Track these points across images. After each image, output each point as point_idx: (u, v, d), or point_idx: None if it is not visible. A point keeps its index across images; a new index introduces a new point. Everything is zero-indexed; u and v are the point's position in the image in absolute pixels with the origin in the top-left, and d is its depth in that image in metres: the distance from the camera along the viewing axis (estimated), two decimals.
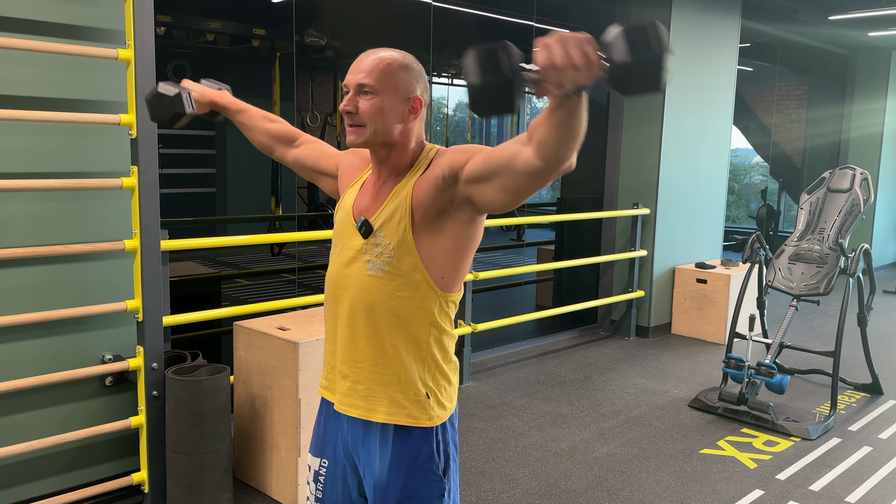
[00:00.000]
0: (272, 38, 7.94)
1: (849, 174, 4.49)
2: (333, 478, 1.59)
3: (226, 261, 8.49)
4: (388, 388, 1.49)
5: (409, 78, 1.47)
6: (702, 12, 5.67)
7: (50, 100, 2.63)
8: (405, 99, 1.47)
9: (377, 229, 1.47)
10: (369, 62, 1.45)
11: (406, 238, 1.44)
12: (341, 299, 1.52)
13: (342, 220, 1.57)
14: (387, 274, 1.46)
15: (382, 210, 1.48)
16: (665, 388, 4.59)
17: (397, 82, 1.45)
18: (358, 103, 1.45)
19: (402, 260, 1.45)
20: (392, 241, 1.45)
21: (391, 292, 1.46)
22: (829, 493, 3.21)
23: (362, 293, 1.48)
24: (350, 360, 1.52)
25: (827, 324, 6.40)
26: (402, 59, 1.47)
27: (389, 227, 1.46)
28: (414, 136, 1.51)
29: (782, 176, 10.24)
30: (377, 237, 1.47)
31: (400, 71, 1.46)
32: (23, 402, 2.68)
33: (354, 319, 1.50)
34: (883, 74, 8.70)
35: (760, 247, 4.44)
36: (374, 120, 1.44)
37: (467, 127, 12.96)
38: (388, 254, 1.45)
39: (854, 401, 4.46)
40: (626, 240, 5.72)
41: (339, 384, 1.55)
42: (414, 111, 1.48)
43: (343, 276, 1.52)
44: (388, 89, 1.44)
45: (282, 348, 2.86)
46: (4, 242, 2.58)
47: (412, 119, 1.49)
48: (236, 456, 3.14)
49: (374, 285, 1.47)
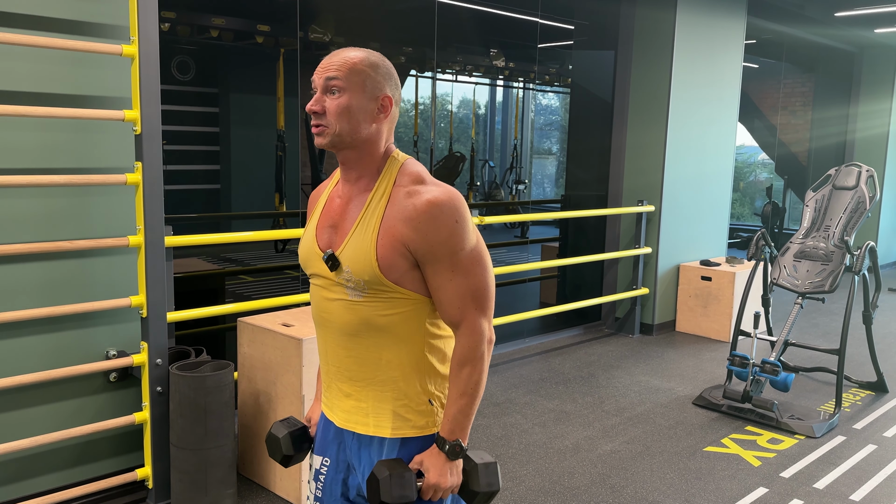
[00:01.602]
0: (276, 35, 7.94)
1: (854, 171, 4.47)
2: (334, 478, 1.58)
3: (230, 257, 8.50)
4: (390, 404, 1.47)
5: (377, 76, 1.42)
6: (707, 8, 5.65)
7: (54, 96, 2.63)
8: (374, 97, 1.42)
9: (344, 266, 1.42)
10: (336, 60, 1.41)
11: (375, 275, 1.40)
12: (329, 322, 1.49)
13: (307, 247, 1.51)
14: (367, 298, 1.42)
15: (347, 243, 1.43)
16: (669, 385, 4.58)
17: (364, 80, 1.41)
18: (325, 103, 1.41)
19: (377, 289, 1.41)
20: (362, 278, 1.41)
21: (376, 313, 1.43)
22: (834, 492, 3.21)
23: (348, 317, 1.45)
24: (351, 379, 1.50)
25: (832, 321, 6.38)
26: (368, 57, 1.43)
27: (356, 265, 1.41)
28: (383, 138, 1.46)
29: (787, 173, 10.21)
30: (346, 272, 1.42)
31: (367, 69, 1.41)
32: (27, 398, 2.69)
33: (345, 342, 1.47)
34: (889, 72, 8.66)
35: (765, 244, 4.43)
36: (341, 119, 1.40)
37: (471, 124, 12.95)
38: (361, 286, 1.42)
39: (859, 399, 4.45)
40: (631, 237, 5.71)
41: (340, 402, 1.53)
42: (383, 110, 1.44)
43: (325, 300, 1.48)
44: (355, 87, 1.40)
45: (285, 345, 2.86)
46: (9, 238, 2.58)
47: (382, 118, 1.44)
48: (240, 452, 3.15)
49: (356, 309, 1.44)
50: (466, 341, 1.44)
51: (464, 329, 1.44)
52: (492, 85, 13.73)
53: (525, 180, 12.71)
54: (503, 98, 14.38)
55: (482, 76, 11.65)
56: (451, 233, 1.38)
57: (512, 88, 13.62)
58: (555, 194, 14.95)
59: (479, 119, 13.82)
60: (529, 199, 13.29)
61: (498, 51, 10.13)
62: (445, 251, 1.39)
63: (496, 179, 13.19)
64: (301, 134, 8.70)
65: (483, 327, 1.45)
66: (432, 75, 10.43)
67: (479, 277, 1.43)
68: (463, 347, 1.45)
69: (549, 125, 15.55)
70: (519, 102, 13.18)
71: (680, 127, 5.59)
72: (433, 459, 1.44)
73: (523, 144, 13.39)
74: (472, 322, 1.43)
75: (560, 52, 10.10)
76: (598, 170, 6.03)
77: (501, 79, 12.16)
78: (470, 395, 1.45)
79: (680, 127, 5.59)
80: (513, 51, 10.24)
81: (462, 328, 1.44)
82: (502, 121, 14.43)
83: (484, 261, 1.45)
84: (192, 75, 9.36)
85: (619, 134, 5.75)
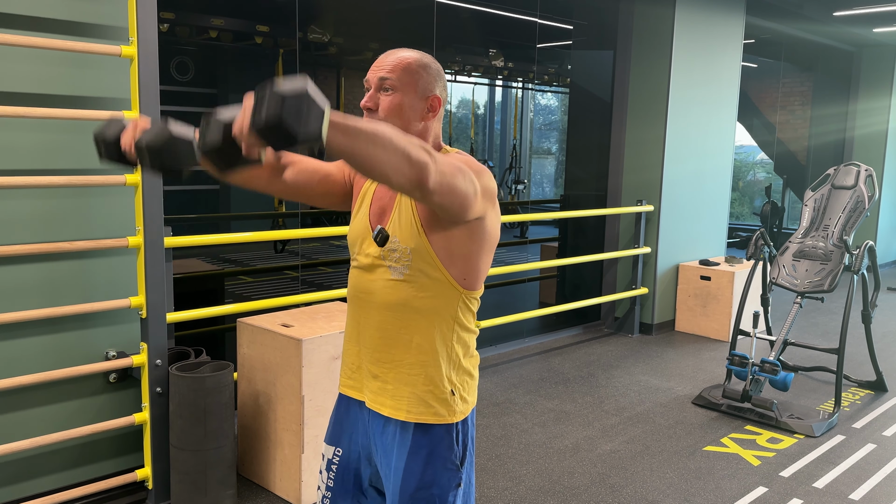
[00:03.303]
0: (275, 35, 7.94)
1: (853, 171, 4.47)
2: (346, 467, 1.62)
3: (229, 258, 8.50)
4: (415, 388, 1.51)
5: (428, 77, 1.50)
6: (706, 8, 5.65)
7: (53, 97, 2.63)
8: (424, 97, 1.50)
9: (393, 236, 1.49)
10: (390, 60, 1.48)
11: (421, 240, 1.46)
12: (366, 303, 1.54)
13: (358, 228, 1.58)
14: (408, 276, 1.48)
15: (395, 215, 1.50)
16: (669, 385, 4.58)
17: (416, 80, 1.48)
18: (378, 100, 1.47)
19: (421, 262, 1.47)
20: (408, 246, 1.47)
21: (414, 293, 1.49)
22: (833, 491, 3.21)
23: (387, 297, 1.51)
24: (379, 360, 1.54)
25: (831, 321, 6.39)
26: (421, 59, 1.51)
27: (404, 232, 1.48)
28: (432, 136, 1.54)
29: (786, 173, 10.22)
30: (394, 243, 1.49)
31: (420, 70, 1.49)
32: (27, 399, 2.69)
33: (381, 322, 1.52)
34: (888, 71, 8.67)
35: (764, 244, 4.43)
36: (393, 116, 1.46)
37: (470, 124, 12.95)
38: (406, 258, 1.47)
39: (858, 398, 4.46)
40: (630, 237, 5.71)
41: (368, 383, 1.57)
42: (433, 109, 1.51)
43: (366, 280, 1.54)
44: (407, 87, 1.47)
45: (285, 345, 2.86)
46: (8, 239, 2.58)
47: (431, 117, 1.52)
48: (240, 452, 3.15)
49: (397, 289, 1.49)
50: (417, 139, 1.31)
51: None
52: (491, 85, 13.73)
53: (524, 180, 12.72)
54: (502, 98, 14.39)
55: (481, 76, 11.66)
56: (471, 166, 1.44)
57: (511, 88, 13.63)
58: (554, 194, 14.95)
59: (479, 119, 13.83)
60: (529, 198, 13.30)
61: (497, 51, 10.14)
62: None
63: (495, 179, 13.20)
64: None
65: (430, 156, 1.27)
66: None
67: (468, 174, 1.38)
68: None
69: (549, 125, 15.56)
70: (518, 102, 13.18)
71: (679, 126, 5.60)
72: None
73: (522, 144, 13.39)
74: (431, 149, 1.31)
75: (559, 51, 10.11)
76: (597, 169, 6.03)
77: (500, 79, 12.17)
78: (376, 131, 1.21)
79: (679, 126, 5.60)
80: (512, 51, 10.25)
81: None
82: (501, 121, 14.43)
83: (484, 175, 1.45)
84: (191, 76, 9.36)
85: (618, 134, 5.75)
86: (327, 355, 2.88)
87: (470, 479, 1.57)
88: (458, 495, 1.53)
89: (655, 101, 5.51)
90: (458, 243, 1.47)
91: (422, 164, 1.24)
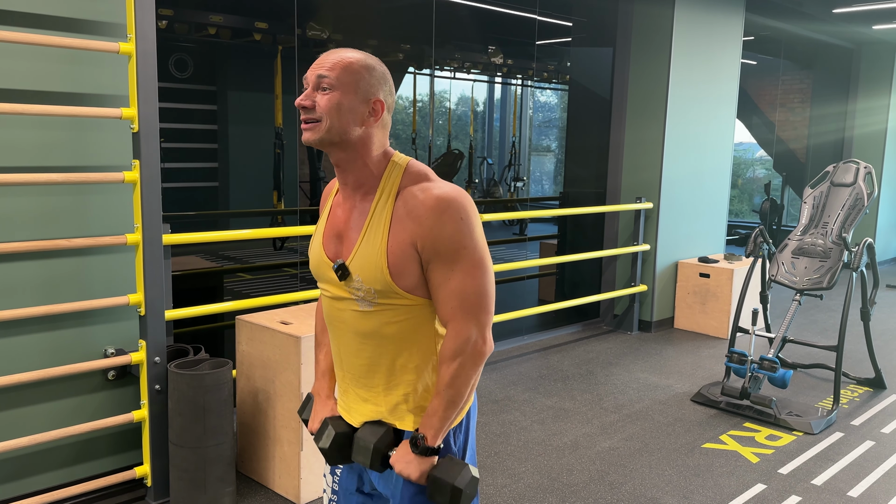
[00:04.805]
0: (274, 32, 7.93)
1: (852, 168, 4.47)
2: (349, 471, 1.61)
3: (228, 255, 8.50)
4: (407, 403, 1.48)
5: (371, 79, 1.41)
6: (705, 5, 5.64)
7: (51, 94, 2.62)
8: (365, 100, 1.41)
9: (354, 274, 1.42)
10: (331, 59, 1.41)
11: (386, 282, 1.39)
12: (340, 331, 1.50)
13: (316, 256, 1.51)
14: (377, 307, 1.43)
15: (357, 251, 1.42)
16: (668, 382, 4.58)
17: (357, 81, 1.40)
18: (315, 98, 1.40)
19: (387, 297, 1.41)
20: (372, 286, 1.40)
21: (386, 321, 1.43)
22: (832, 488, 3.21)
23: (358, 326, 1.46)
24: (365, 385, 1.51)
25: (830, 318, 6.39)
26: (365, 60, 1.42)
27: (366, 273, 1.40)
28: (376, 143, 1.44)
29: (786, 170, 10.22)
30: (355, 281, 1.42)
31: (361, 70, 1.41)
32: (26, 396, 2.69)
33: (359, 350, 1.48)
34: (887, 68, 8.66)
35: (764, 241, 4.43)
36: (331, 115, 1.38)
37: (469, 121, 12.94)
38: (371, 296, 1.41)
39: (857, 395, 4.46)
40: (629, 234, 5.71)
41: (358, 406, 1.53)
42: (375, 114, 1.42)
43: (336, 309, 1.49)
44: (347, 87, 1.39)
45: (284, 342, 2.86)
46: (7, 237, 2.58)
47: (373, 122, 1.42)
48: (239, 450, 3.15)
49: (367, 318, 1.44)
50: (451, 343, 1.40)
51: (451, 330, 1.41)
52: (490, 82, 13.71)
53: (523, 177, 12.71)
54: (501, 95, 14.37)
55: (480, 73, 11.64)
56: (456, 229, 1.37)
57: (510, 85, 13.61)
58: (553, 191, 14.94)
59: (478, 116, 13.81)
60: (528, 196, 13.29)
61: (496, 48, 10.12)
62: (448, 247, 1.37)
63: (495, 177, 13.19)
64: (299, 131, 8.69)
65: (471, 333, 1.40)
66: (430, 72, 10.42)
67: (478, 281, 1.40)
68: (446, 349, 1.41)
69: (548, 122, 15.55)
70: (517, 99, 13.17)
71: (678, 124, 5.59)
72: (403, 444, 1.46)
73: (522, 142, 13.38)
74: (460, 325, 1.40)
75: (558, 49, 10.09)
76: (596, 167, 6.03)
77: (500, 76, 12.15)
78: (444, 396, 1.40)
79: (678, 124, 5.59)
80: (511, 48, 10.23)
81: (450, 329, 1.41)
82: (501, 118, 14.41)
83: (484, 265, 1.41)
84: (189, 73, 9.35)
85: (617, 131, 5.75)
86: None
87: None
88: None
89: (655, 98, 5.51)
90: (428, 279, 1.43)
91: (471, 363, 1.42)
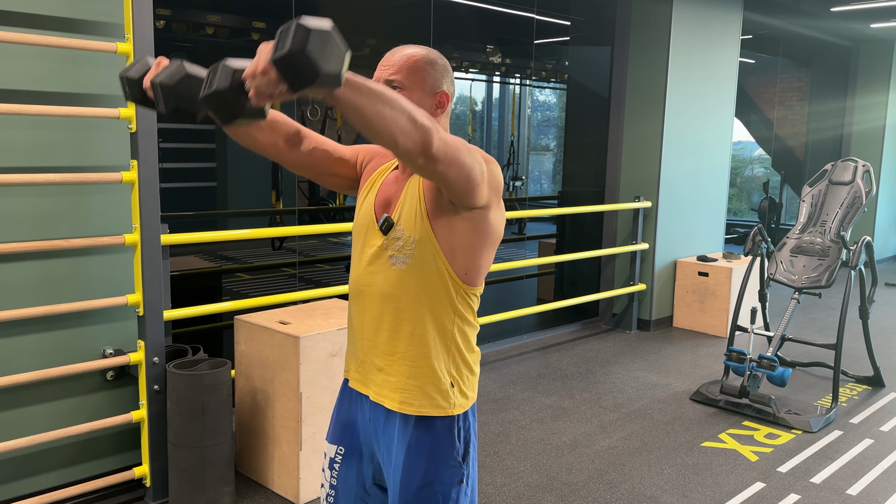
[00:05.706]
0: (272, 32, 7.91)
1: (851, 166, 4.47)
2: (348, 466, 1.62)
3: (226, 255, 8.49)
4: (418, 380, 1.51)
5: (436, 73, 1.50)
6: (703, 4, 5.64)
7: (49, 94, 2.62)
8: (432, 94, 1.50)
9: (397, 223, 1.49)
10: (396, 59, 1.48)
11: (426, 230, 1.46)
12: (368, 295, 1.54)
13: (364, 218, 1.58)
14: (410, 266, 1.48)
15: (401, 204, 1.51)
16: (667, 381, 4.59)
17: (424, 78, 1.48)
18: None
19: (423, 251, 1.47)
20: (412, 235, 1.47)
21: (416, 283, 1.49)
22: (831, 486, 3.21)
23: (388, 287, 1.51)
24: (383, 353, 1.54)
25: (828, 316, 6.40)
26: (427, 55, 1.50)
27: (408, 221, 1.48)
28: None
29: (784, 168, 10.22)
30: (397, 231, 1.49)
31: (427, 66, 1.49)
32: (24, 397, 2.69)
33: (383, 314, 1.52)
34: (885, 66, 8.67)
35: (762, 239, 4.43)
36: None
37: (468, 120, 12.94)
38: (409, 247, 1.48)
39: (856, 393, 4.46)
40: (628, 233, 5.71)
41: (374, 377, 1.57)
42: (441, 105, 1.51)
43: (368, 272, 1.54)
44: (415, 85, 1.48)
45: (283, 342, 2.86)
46: (5, 237, 2.57)
47: (439, 113, 1.51)
48: (238, 450, 3.15)
49: (398, 279, 1.49)
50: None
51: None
52: (488, 81, 13.71)
53: (522, 177, 12.70)
54: (500, 94, 14.36)
55: (479, 72, 11.64)
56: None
57: (508, 85, 13.61)
58: (552, 191, 14.94)
59: (476, 115, 13.81)
60: (527, 195, 13.29)
61: (494, 47, 10.12)
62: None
63: None
64: None
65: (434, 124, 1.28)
66: None
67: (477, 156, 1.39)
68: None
69: (546, 121, 15.54)
70: (516, 99, 13.17)
71: (677, 122, 5.59)
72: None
73: (520, 141, 13.38)
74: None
75: (557, 48, 10.08)
76: (595, 166, 6.03)
77: (498, 75, 12.15)
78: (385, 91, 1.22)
79: (677, 122, 5.59)
80: (509, 47, 10.22)
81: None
82: (499, 117, 14.41)
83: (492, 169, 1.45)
84: None
85: (615, 130, 5.75)
86: (325, 352, 2.87)
87: (473, 476, 1.57)
88: (462, 491, 1.53)
89: (653, 97, 5.51)
90: (462, 236, 1.47)
91: (427, 127, 1.25)
